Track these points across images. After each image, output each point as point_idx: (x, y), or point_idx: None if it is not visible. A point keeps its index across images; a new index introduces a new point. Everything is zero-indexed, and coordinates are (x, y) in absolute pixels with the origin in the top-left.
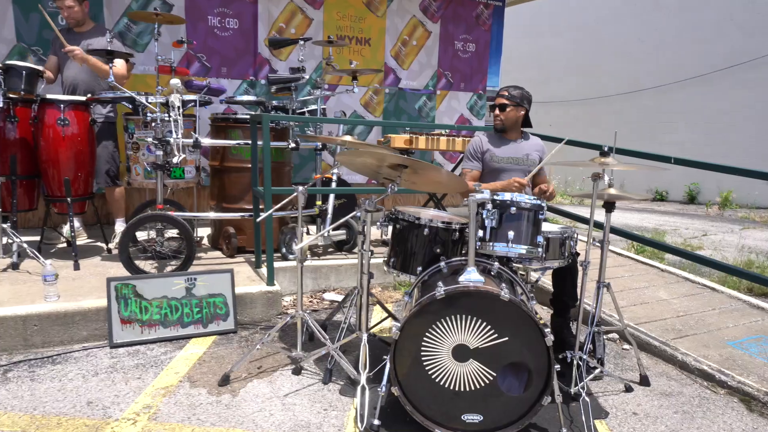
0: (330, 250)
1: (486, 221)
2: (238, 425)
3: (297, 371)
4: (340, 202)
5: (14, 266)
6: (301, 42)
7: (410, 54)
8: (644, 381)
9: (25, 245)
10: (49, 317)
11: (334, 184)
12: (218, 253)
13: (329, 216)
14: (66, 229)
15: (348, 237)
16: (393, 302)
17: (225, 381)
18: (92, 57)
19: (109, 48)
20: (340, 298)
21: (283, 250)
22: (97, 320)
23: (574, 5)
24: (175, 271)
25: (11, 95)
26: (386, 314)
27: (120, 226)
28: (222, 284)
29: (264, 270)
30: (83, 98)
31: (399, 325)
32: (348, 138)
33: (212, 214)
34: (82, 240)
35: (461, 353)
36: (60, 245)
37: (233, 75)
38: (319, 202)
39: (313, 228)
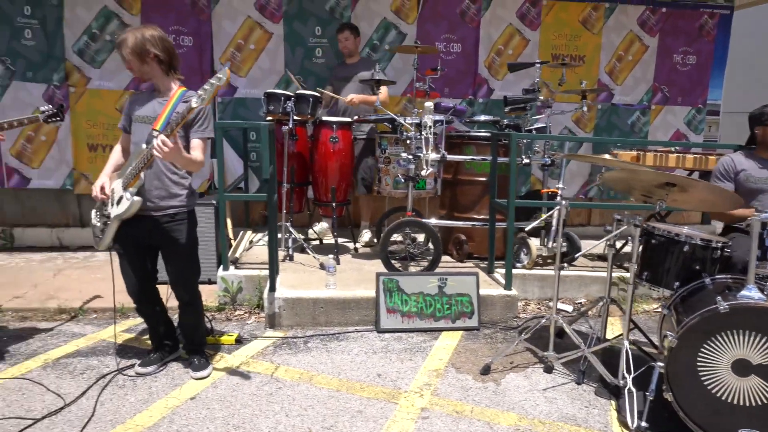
0: (549, 261)
1: (767, 241)
2: (509, 409)
3: (548, 370)
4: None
5: (290, 258)
6: (538, 65)
7: (624, 69)
8: None
9: (303, 242)
10: (332, 302)
11: (558, 198)
12: (447, 258)
13: (554, 228)
14: (319, 227)
15: (569, 249)
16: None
17: (486, 371)
18: (365, 97)
19: (376, 77)
20: (567, 307)
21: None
22: (366, 308)
23: None
24: (423, 271)
25: (298, 118)
26: (632, 325)
27: (365, 228)
28: (469, 285)
29: (497, 275)
30: (349, 119)
31: (675, 334)
32: (608, 156)
33: (453, 222)
34: (329, 239)
35: (742, 368)
36: (313, 242)
37: (454, 94)
38: (543, 215)
39: (536, 240)
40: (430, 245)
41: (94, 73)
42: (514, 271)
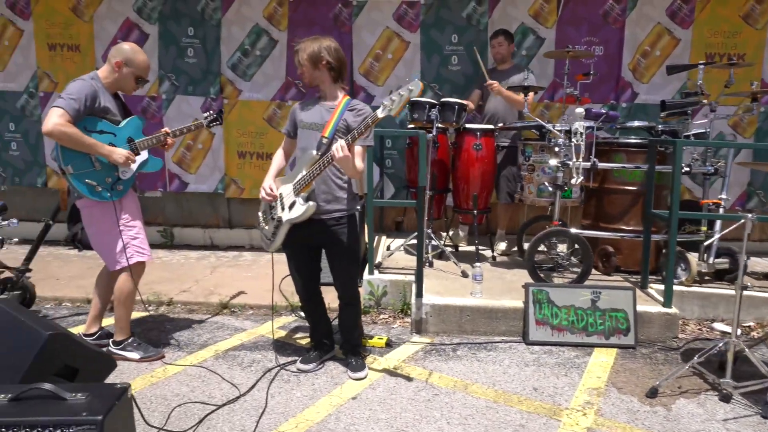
0: (707, 278)
1: None
2: None
3: (725, 398)
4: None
5: (430, 264)
6: (701, 66)
7: None
8: None
9: (445, 248)
10: (478, 310)
11: (721, 210)
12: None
13: (715, 243)
14: (457, 234)
15: (731, 266)
16: None
17: (653, 394)
18: (506, 91)
19: (525, 84)
20: (730, 329)
21: (664, 273)
22: (513, 318)
23: None
24: (572, 284)
25: (441, 125)
26: None
27: (501, 236)
28: (624, 300)
29: (651, 291)
30: (492, 126)
31: None
32: None
33: (599, 233)
34: (463, 247)
35: None
36: (448, 249)
37: (595, 99)
38: (704, 228)
39: (694, 255)
40: (572, 257)
41: (244, 86)
42: (661, 287)
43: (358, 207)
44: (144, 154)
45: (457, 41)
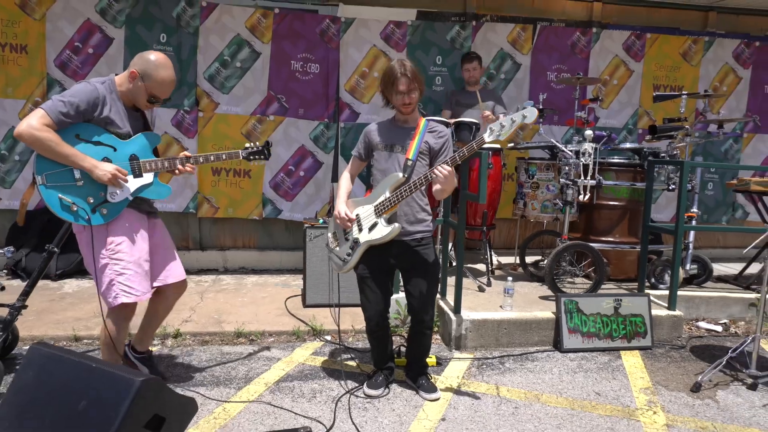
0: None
1: None
2: (748, 425)
3: (752, 387)
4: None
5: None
6: (684, 96)
7: (719, 101)
8: None
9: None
10: (514, 323)
11: (694, 222)
12: (581, 279)
13: (690, 252)
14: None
15: (699, 271)
16: None
17: (697, 388)
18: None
19: (539, 107)
20: (716, 327)
21: (653, 280)
22: (545, 329)
23: None
24: (593, 293)
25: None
26: None
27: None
28: (641, 306)
29: (654, 295)
30: (498, 146)
31: None
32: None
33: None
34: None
35: None
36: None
37: (562, 120)
38: None
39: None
40: (571, 267)
41: (222, 99)
42: (657, 292)
43: None
44: (148, 177)
45: (441, 62)
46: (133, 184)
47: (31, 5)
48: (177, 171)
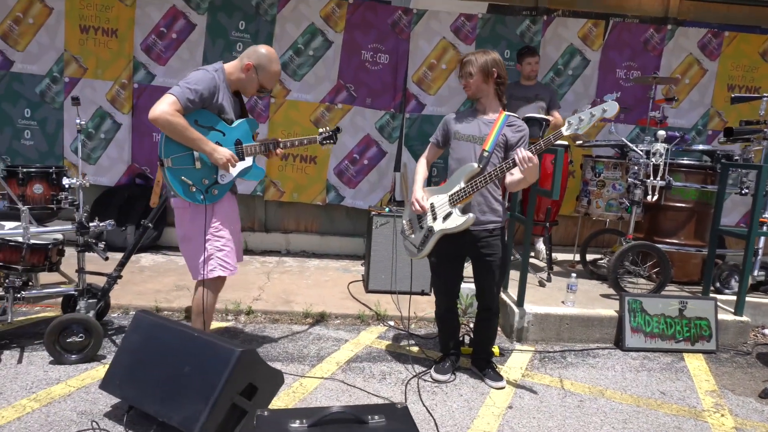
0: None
1: None
2: None
3: None
4: None
5: None
6: (765, 98)
7: None
8: None
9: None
10: (576, 319)
11: (765, 228)
12: (643, 281)
13: (759, 258)
14: (537, 247)
15: (766, 278)
16: None
17: (766, 394)
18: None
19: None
20: None
21: (717, 284)
22: (607, 326)
23: None
24: (652, 293)
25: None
26: None
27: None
28: (707, 309)
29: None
30: (566, 143)
31: None
32: None
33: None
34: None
35: None
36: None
37: (628, 120)
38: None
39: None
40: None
41: (293, 86)
42: (723, 297)
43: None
44: (248, 160)
45: (509, 56)
46: (238, 166)
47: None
48: (271, 155)
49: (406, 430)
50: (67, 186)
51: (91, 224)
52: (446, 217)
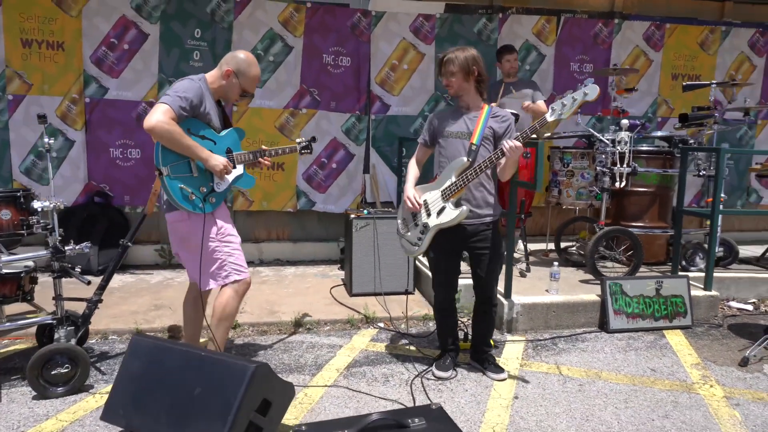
0: None
1: None
2: None
3: None
4: None
5: None
6: (713, 85)
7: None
8: None
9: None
10: (561, 306)
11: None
12: (609, 263)
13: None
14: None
15: (726, 254)
16: None
17: (745, 363)
18: (533, 105)
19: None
20: (747, 306)
21: (683, 262)
22: (591, 311)
23: None
24: (627, 275)
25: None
26: None
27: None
28: (680, 287)
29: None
30: (535, 137)
31: None
32: None
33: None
34: None
35: None
36: None
37: (584, 110)
38: (707, 222)
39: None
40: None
41: (256, 92)
42: (692, 274)
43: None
44: (240, 168)
45: None
46: (232, 174)
47: (68, 2)
48: (260, 164)
49: (448, 430)
50: (39, 209)
51: (66, 248)
52: (440, 212)
